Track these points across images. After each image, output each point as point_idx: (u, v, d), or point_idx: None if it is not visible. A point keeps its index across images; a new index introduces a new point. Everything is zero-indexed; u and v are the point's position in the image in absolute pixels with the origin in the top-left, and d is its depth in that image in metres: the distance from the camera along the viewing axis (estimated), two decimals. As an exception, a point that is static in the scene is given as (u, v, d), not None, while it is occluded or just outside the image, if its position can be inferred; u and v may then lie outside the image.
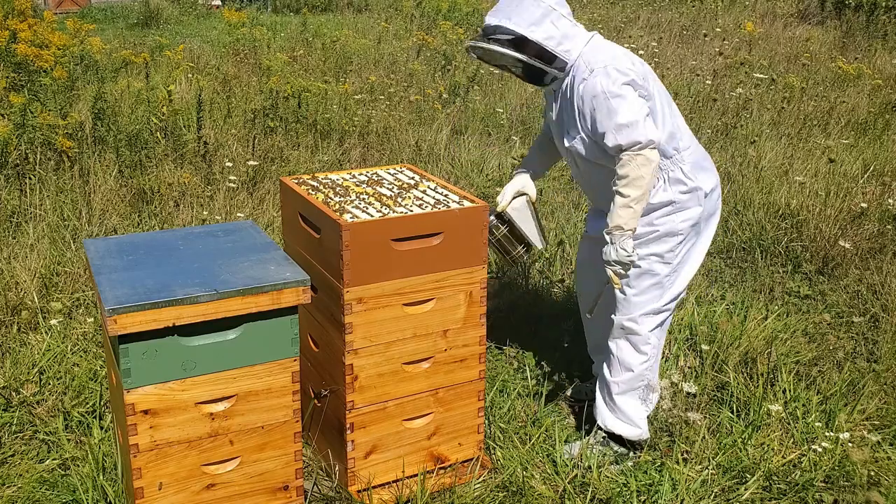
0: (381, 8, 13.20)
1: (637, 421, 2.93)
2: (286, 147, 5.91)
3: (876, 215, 4.99)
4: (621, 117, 2.60)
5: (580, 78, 2.67)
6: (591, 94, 2.63)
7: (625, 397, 2.92)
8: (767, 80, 7.79)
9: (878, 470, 2.88)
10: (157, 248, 2.38)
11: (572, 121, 2.76)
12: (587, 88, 2.64)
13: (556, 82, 2.77)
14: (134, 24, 12.53)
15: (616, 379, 2.92)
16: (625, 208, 2.63)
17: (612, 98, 2.61)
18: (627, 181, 2.63)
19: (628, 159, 2.61)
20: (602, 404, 2.97)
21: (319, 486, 2.71)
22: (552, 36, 2.66)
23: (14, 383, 3.19)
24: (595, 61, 2.66)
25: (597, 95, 2.62)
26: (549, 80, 2.77)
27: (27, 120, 5.17)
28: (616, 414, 2.93)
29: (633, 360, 2.90)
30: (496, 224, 3.01)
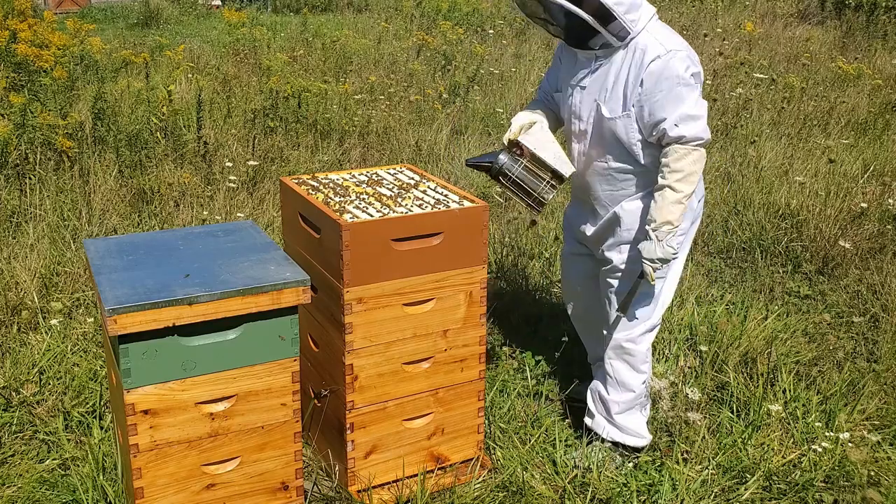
0: (381, 8, 13.19)
1: (641, 431, 2.94)
2: (286, 147, 5.91)
3: (876, 215, 4.99)
4: (690, 108, 2.54)
5: (652, 54, 2.52)
6: (661, 74, 2.51)
7: (625, 415, 2.92)
8: (767, 80, 7.79)
9: (878, 470, 2.88)
10: (157, 248, 2.38)
11: (618, 95, 2.61)
12: (659, 67, 2.51)
13: (605, 50, 2.61)
14: (134, 24, 12.53)
15: (616, 399, 2.90)
16: (677, 204, 2.56)
17: (683, 85, 2.53)
18: (683, 175, 2.55)
19: (685, 153, 2.54)
20: (602, 420, 2.95)
21: (319, 486, 2.71)
22: (622, 2, 2.51)
23: (14, 383, 3.19)
24: (670, 42, 2.55)
25: (669, 78, 2.51)
26: (598, 45, 2.60)
27: (27, 120, 5.17)
28: (619, 429, 2.92)
29: (632, 380, 2.89)
30: (509, 162, 2.72)
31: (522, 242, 4.48)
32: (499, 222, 4.84)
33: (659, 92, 2.53)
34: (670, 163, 2.56)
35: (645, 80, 2.54)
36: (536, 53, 9.21)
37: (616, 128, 2.63)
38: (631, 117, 2.60)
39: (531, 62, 8.66)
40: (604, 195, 2.78)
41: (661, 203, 2.58)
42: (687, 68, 2.54)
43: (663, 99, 2.53)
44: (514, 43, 9.88)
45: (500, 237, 4.58)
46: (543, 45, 9.62)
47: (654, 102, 2.54)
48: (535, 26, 2.75)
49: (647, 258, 2.62)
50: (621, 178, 2.73)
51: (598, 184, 2.78)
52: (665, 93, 2.53)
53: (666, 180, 2.57)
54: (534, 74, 7.98)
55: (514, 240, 4.53)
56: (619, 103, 2.61)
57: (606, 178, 2.74)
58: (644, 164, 2.68)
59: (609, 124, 2.64)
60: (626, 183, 2.73)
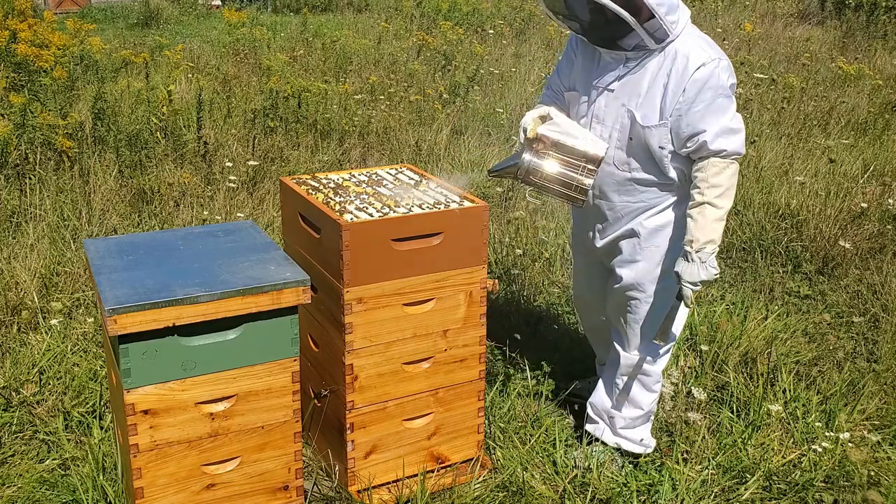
0: (381, 8, 13.19)
1: (646, 441, 2.92)
2: (286, 147, 5.91)
3: (876, 215, 4.99)
4: (731, 121, 2.43)
5: (697, 61, 2.40)
6: (706, 83, 2.39)
7: (630, 430, 2.90)
8: (767, 80, 7.79)
9: (878, 470, 2.88)
10: (157, 248, 2.38)
11: (654, 103, 2.47)
12: (704, 75, 2.39)
13: (638, 52, 2.46)
14: (134, 24, 12.53)
15: (623, 415, 2.87)
16: (718, 222, 2.42)
17: (725, 97, 2.42)
18: (723, 191, 2.42)
19: (724, 167, 2.42)
20: (608, 430, 2.92)
21: (319, 486, 2.71)
22: (663, 2, 2.36)
23: (14, 383, 3.19)
24: (713, 50, 2.43)
25: (713, 87, 2.39)
26: (631, 46, 2.44)
27: (27, 120, 5.17)
28: (623, 438, 2.91)
29: (643, 399, 2.85)
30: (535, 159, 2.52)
31: (523, 243, 4.48)
32: (499, 222, 4.84)
33: (701, 102, 2.41)
34: (709, 177, 2.43)
35: (688, 89, 2.41)
36: (536, 53, 9.21)
37: (650, 137, 2.49)
38: (667, 126, 2.47)
39: (531, 62, 8.66)
40: (620, 205, 2.65)
41: (701, 221, 2.43)
42: (728, 78, 2.43)
43: (704, 109, 2.41)
44: (514, 43, 9.89)
45: (500, 237, 4.58)
46: (543, 45, 9.62)
47: (695, 112, 2.41)
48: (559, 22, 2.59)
49: (690, 281, 2.47)
50: (642, 190, 2.60)
51: (616, 193, 2.64)
52: (707, 103, 2.41)
53: (705, 196, 2.43)
54: (534, 74, 7.98)
55: (514, 240, 4.53)
56: (654, 111, 2.47)
57: (626, 187, 2.61)
58: (670, 177, 2.56)
59: (643, 133, 2.50)
60: (646, 195, 2.61)
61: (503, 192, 5.20)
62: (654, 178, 2.58)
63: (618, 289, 2.75)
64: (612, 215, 2.68)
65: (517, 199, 5.14)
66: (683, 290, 2.50)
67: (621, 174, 2.59)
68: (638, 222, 2.65)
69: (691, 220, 2.47)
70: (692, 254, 2.46)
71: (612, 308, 2.85)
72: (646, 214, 2.64)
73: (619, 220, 2.68)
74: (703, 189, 2.44)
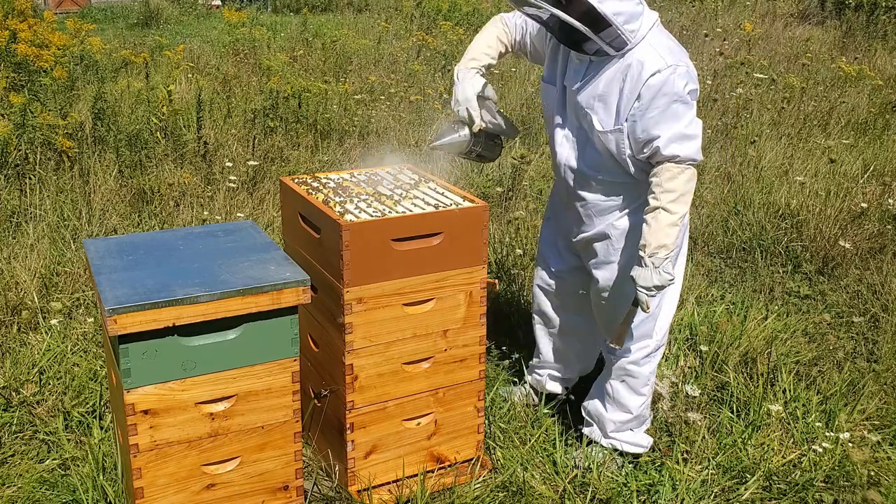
0: (381, 8, 13.19)
1: (640, 442, 2.92)
2: (286, 147, 5.91)
3: (876, 215, 4.99)
4: (686, 127, 2.43)
5: (651, 67, 2.40)
6: (660, 89, 2.40)
7: (621, 434, 2.90)
8: (768, 80, 7.79)
9: (878, 470, 2.88)
10: (157, 248, 2.38)
11: (610, 108, 2.50)
12: (658, 82, 2.40)
13: (599, 57, 2.48)
14: (134, 24, 12.53)
15: (613, 418, 2.88)
16: (672, 227, 2.42)
17: (681, 103, 2.42)
18: (676, 196, 2.42)
19: (678, 171, 2.42)
20: (600, 433, 2.93)
21: (319, 486, 2.71)
22: (620, 12, 2.37)
23: (14, 383, 3.19)
24: (671, 56, 2.43)
25: (667, 94, 2.40)
26: (592, 51, 2.47)
27: (27, 120, 5.17)
28: (617, 440, 2.91)
29: (631, 402, 2.85)
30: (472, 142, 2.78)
31: (523, 243, 4.48)
32: (499, 222, 4.84)
33: (655, 108, 2.42)
34: (663, 182, 2.43)
35: (643, 95, 2.42)
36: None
37: (608, 142, 2.53)
38: (623, 132, 2.49)
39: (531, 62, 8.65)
40: (592, 203, 2.69)
41: (655, 226, 2.44)
42: (686, 85, 2.42)
43: (659, 116, 2.42)
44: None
45: (500, 237, 4.58)
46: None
47: (649, 119, 2.42)
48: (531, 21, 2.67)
49: (643, 286, 2.47)
50: (609, 189, 2.64)
51: (586, 192, 2.69)
52: (661, 110, 2.41)
53: (659, 201, 2.43)
54: (534, 74, 7.97)
55: (514, 240, 4.53)
56: (611, 117, 2.50)
57: (596, 186, 2.66)
58: (635, 177, 2.59)
59: (600, 137, 2.54)
60: (615, 195, 2.65)
61: (503, 192, 5.20)
62: (617, 178, 2.61)
63: (596, 291, 2.80)
64: (585, 212, 2.73)
65: (517, 199, 5.15)
66: (639, 294, 2.50)
67: (590, 173, 2.65)
68: (609, 224, 2.68)
69: (646, 224, 2.48)
70: (645, 258, 2.46)
71: (595, 310, 2.88)
72: (616, 215, 2.67)
73: (592, 219, 2.72)
74: (657, 194, 2.44)
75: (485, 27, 2.82)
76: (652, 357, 2.81)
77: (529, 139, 6.46)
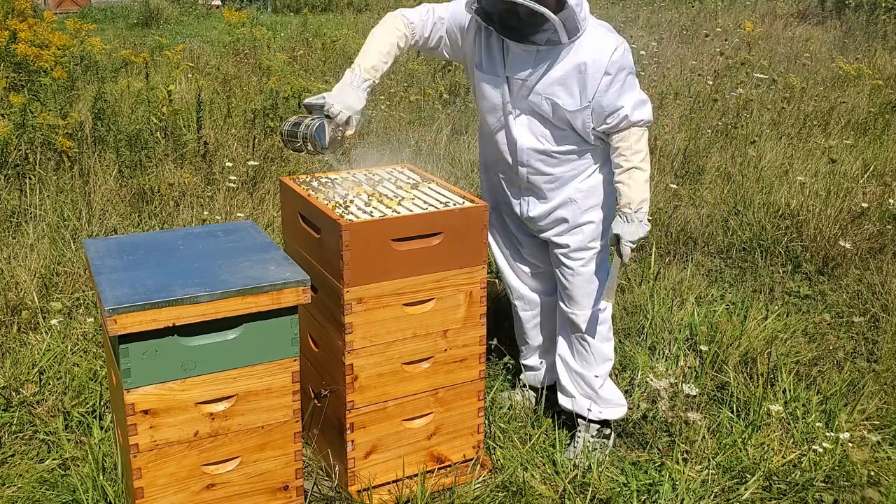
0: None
1: (620, 400, 3.02)
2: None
3: (876, 215, 4.99)
4: (640, 94, 2.67)
5: (611, 46, 2.60)
6: (620, 64, 2.61)
7: (606, 386, 2.98)
8: (768, 80, 7.79)
9: (878, 470, 2.88)
10: (157, 248, 2.38)
11: (571, 89, 2.65)
12: (618, 58, 2.61)
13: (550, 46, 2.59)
14: (134, 24, 12.53)
15: (597, 372, 2.96)
16: (646, 182, 2.67)
17: (632, 74, 2.66)
18: (644, 155, 2.67)
19: (641, 134, 2.67)
20: (585, 400, 2.98)
21: (319, 486, 2.71)
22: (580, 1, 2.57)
23: (14, 383, 3.19)
24: (616, 35, 2.67)
25: (625, 68, 2.62)
26: (543, 41, 2.58)
27: (27, 120, 5.17)
28: (604, 404, 2.97)
29: (606, 348, 2.97)
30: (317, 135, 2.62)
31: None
32: (499, 222, 4.84)
33: (617, 82, 2.62)
34: (632, 144, 2.66)
35: (609, 70, 2.60)
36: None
37: (574, 119, 2.68)
38: (589, 108, 2.65)
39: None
40: (557, 173, 2.80)
41: (633, 185, 2.66)
42: (631, 56, 2.67)
43: (620, 88, 2.62)
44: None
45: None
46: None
47: (613, 92, 2.62)
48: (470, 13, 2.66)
49: (630, 240, 2.67)
50: (572, 159, 2.78)
51: (549, 167, 2.80)
52: (622, 82, 2.63)
53: (631, 162, 2.65)
54: (534, 74, 7.98)
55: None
56: (574, 98, 2.65)
57: (558, 160, 2.79)
58: (594, 145, 2.77)
59: (567, 116, 2.68)
60: (576, 163, 2.79)
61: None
62: (579, 147, 2.77)
63: (562, 255, 2.89)
64: (549, 187, 2.83)
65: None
66: (623, 248, 2.69)
67: (553, 148, 2.76)
68: (573, 188, 2.81)
69: (623, 185, 2.68)
70: (631, 214, 2.67)
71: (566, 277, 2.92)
72: (580, 178, 2.81)
73: (556, 190, 2.83)
74: (627, 156, 2.66)
75: (382, 25, 2.76)
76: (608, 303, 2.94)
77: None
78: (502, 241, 3.11)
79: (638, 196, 2.66)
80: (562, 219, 2.85)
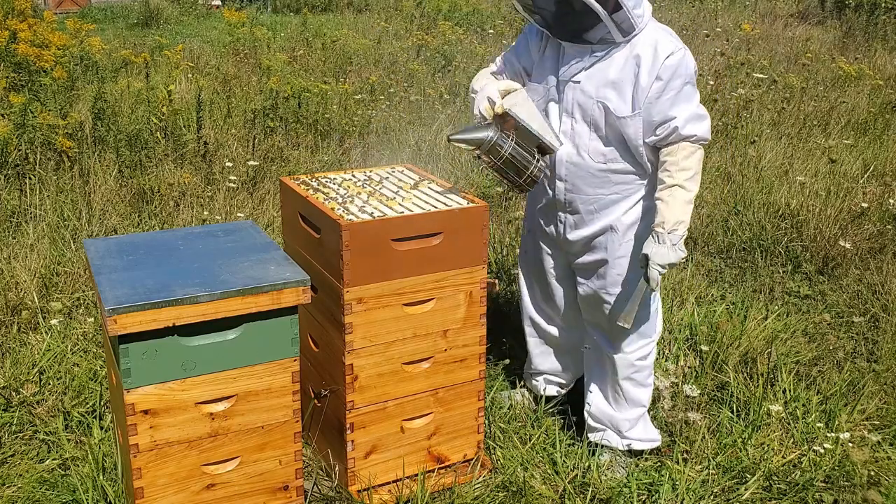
0: (381, 8, 13.19)
1: (652, 436, 2.93)
2: (286, 147, 5.91)
3: (876, 215, 4.99)
4: (698, 107, 2.49)
5: (666, 49, 2.44)
6: (676, 70, 2.44)
7: (636, 428, 2.90)
8: (768, 80, 7.79)
9: (878, 470, 2.88)
10: (157, 248, 2.38)
11: (625, 94, 2.49)
12: (675, 63, 2.44)
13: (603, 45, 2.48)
14: (134, 24, 12.53)
15: (627, 416, 2.87)
16: (688, 204, 2.46)
17: (691, 84, 2.48)
18: (692, 174, 2.47)
19: (692, 150, 2.47)
20: (614, 435, 2.91)
21: (319, 486, 2.71)
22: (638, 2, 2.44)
23: (14, 383, 3.19)
24: (677, 40, 2.49)
25: (682, 75, 2.45)
26: (596, 39, 2.47)
27: (27, 120, 5.17)
28: (633, 441, 2.90)
29: (641, 396, 2.86)
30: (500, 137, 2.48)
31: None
32: (499, 222, 4.84)
33: (671, 90, 2.46)
34: (679, 160, 2.47)
35: (661, 75, 2.45)
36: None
37: (625, 127, 2.52)
38: (641, 117, 2.50)
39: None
40: (595, 197, 2.64)
41: (672, 203, 2.46)
42: (693, 67, 2.50)
43: (675, 97, 2.46)
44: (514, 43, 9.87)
45: (500, 237, 4.58)
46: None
47: (666, 100, 2.46)
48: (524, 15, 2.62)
49: (659, 263, 2.46)
50: (617, 181, 2.61)
51: (591, 186, 2.63)
52: (677, 91, 2.46)
53: (675, 179, 2.46)
54: (534, 74, 7.98)
55: (514, 240, 4.53)
56: (626, 103, 2.50)
57: (601, 179, 2.61)
58: (644, 167, 2.59)
59: (618, 124, 2.52)
60: (621, 186, 2.62)
61: (503, 191, 5.20)
62: (629, 167, 2.59)
63: (600, 286, 2.74)
64: (585, 208, 2.67)
65: (517, 199, 5.14)
66: (651, 271, 2.49)
67: (597, 165, 2.60)
68: (615, 217, 2.65)
69: (661, 202, 2.49)
70: (663, 235, 2.47)
71: (590, 308, 2.81)
72: (622, 208, 2.64)
73: (593, 214, 2.67)
74: (672, 172, 2.48)
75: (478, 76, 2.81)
76: (653, 348, 2.83)
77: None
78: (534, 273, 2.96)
79: (674, 216, 2.45)
80: (599, 246, 2.69)
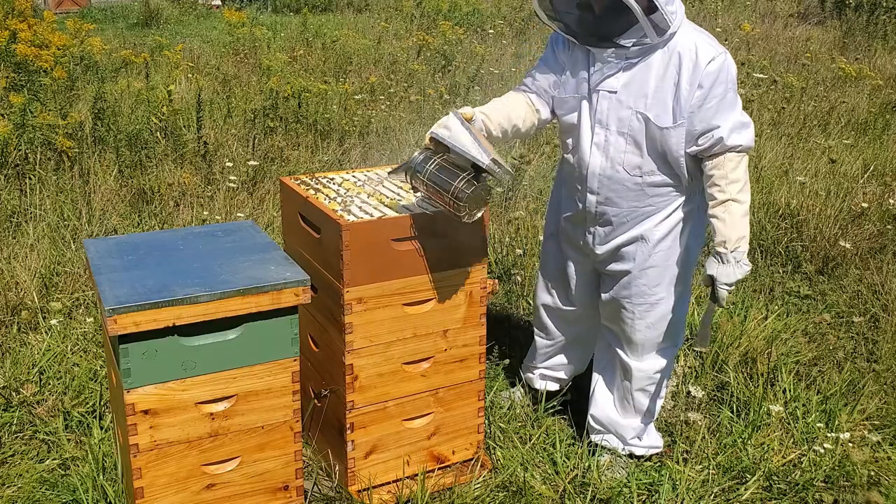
0: (381, 8, 13.19)
1: (656, 442, 2.92)
2: (286, 147, 5.91)
3: (876, 215, 4.99)
4: (742, 115, 2.36)
5: (707, 54, 2.30)
6: (718, 76, 2.30)
7: (644, 436, 2.90)
8: (768, 80, 7.79)
9: (878, 470, 2.88)
10: (157, 248, 2.38)
11: (664, 103, 2.35)
12: (716, 68, 2.30)
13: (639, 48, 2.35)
14: (134, 24, 12.53)
15: (632, 424, 2.86)
16: (745, 217, 2.34)
17: (733, 91, 2.33)
18: (742, 185, 2.34)
19: (739, 160, 2.35)
20: (618, 441, 2.90)
21: (319, 486, 2.71)
22: None
23: (14, 383, 3.19)
24: (717, 44, 2.34)
25: (724, 81, 2.31)
26: (631, 43, 2.33)
27: (27, 120, 5.17)
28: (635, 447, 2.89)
29: (654, 406, 2.85)
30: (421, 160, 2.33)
31: (523, 243, 4.48)
32: (499, 222, 4.84)
33: (714, 97, 2.32)
34: (728, 173, 2.35)
35: (703, 83, 2.31)
36: (536, 53, 9.21)
37: (668, 138, 2.38)
38: (684, 127, 2.35)
39: (531, 62, 8.66)
40: (627, 210, 2.54)
41: (730, 220, 2.35)
42: (734, 71, 2.36)
43: (718, 104, 2.33)
44: (514, 43, 9.89)
45: (500, 237, 4.58)
46: (543, 45, 9.61)
47: (708, 108, 2.33)
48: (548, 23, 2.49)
49: (727, 283, 2.38)
50: (653, 193, 2.50)
51: (624, 199, 2.52)
52: (720, 98, 2.32)
53: (727, 193, 2.35)
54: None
55: (514, 240, 4.53)
56: (667, 112, 2.36)
57: (636, 192, 2.51)
58: (682, 178, 2.48)
59: (660, 135, 2.39)
60: (656, 199, 2.51)
61: (503, 191, 5.20)
62: (666, 180, 2.49)
63: (625, 296, 2.68)
64: (618, 220, 2.58)
65: (517, 199, 5.15)
66: (719, 292, 2.41)
67: (632, 179, 2.49)
68: (647, 228, 2.56)
69: (717, 220, 2.39)
70: (727, 254, 2.38)
71: (610, 315, 2.77)
72: (654, 219, 2.55)
73: (624, 225, 2.58)
74: (723, 186, 2.36)
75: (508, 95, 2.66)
76: (673, 360, 2.81)
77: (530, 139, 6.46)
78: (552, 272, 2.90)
79: (735, 233, 2.35)
80: (628, 255, 2.61)
